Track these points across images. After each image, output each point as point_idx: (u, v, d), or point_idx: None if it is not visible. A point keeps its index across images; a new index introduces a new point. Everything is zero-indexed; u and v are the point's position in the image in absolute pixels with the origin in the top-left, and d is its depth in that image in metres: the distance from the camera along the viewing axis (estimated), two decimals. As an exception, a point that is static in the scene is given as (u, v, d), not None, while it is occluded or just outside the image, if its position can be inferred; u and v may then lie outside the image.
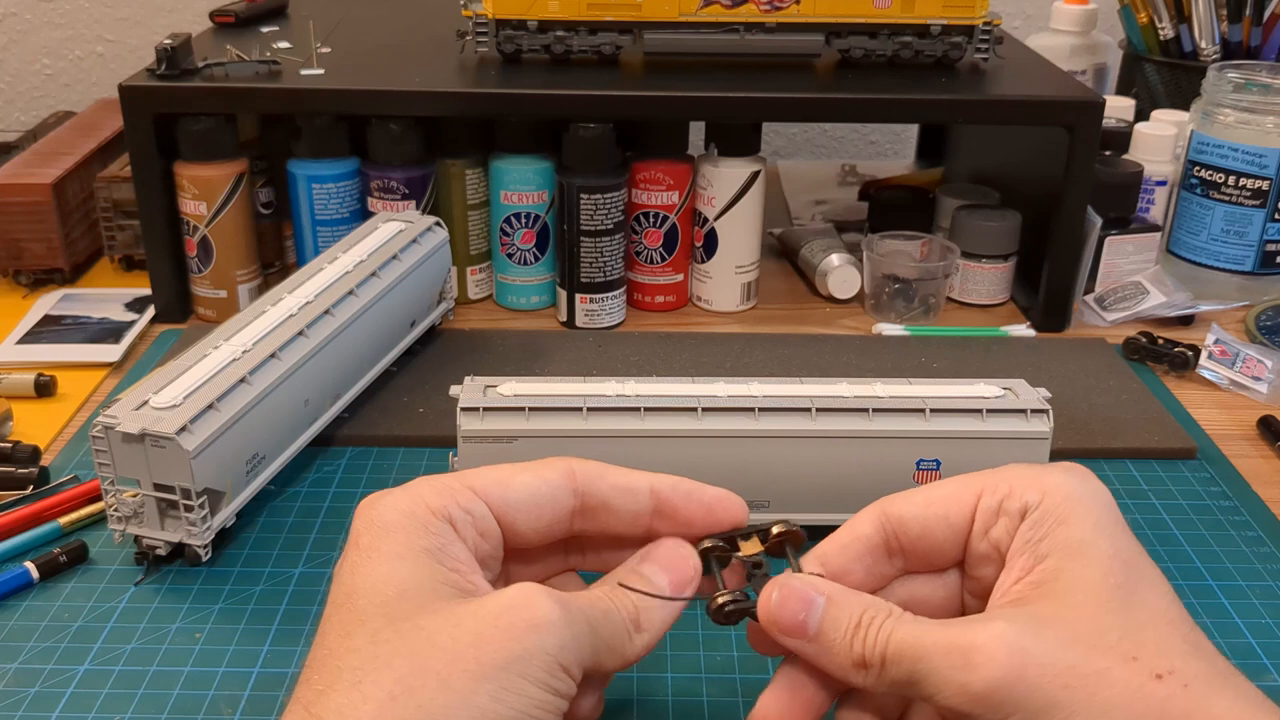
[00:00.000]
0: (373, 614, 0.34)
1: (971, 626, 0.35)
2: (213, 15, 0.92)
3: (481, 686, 0.33)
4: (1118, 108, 0.93)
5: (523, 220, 0.81)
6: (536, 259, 0.83)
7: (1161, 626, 0.35)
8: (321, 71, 0.79)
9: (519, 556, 0.41)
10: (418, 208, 0.80)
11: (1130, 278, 0.86)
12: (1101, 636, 0.34)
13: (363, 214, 0.81)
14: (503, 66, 0.81)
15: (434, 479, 0.39)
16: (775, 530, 0.42)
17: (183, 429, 0.52)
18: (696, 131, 0.84)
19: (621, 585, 0.39)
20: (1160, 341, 0.77)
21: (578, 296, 0.80)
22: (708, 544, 0.42)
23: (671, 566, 0.40)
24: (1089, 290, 0.85)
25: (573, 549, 0.43)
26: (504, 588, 0.36)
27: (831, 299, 0.87)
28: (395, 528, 0.37)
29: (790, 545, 0.42)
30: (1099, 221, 0.81)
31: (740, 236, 0.82)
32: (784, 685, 0.39)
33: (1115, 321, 0.83)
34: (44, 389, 0.70)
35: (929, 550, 0.40)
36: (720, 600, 0.40)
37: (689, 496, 0.41)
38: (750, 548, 0.42)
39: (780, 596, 0.38)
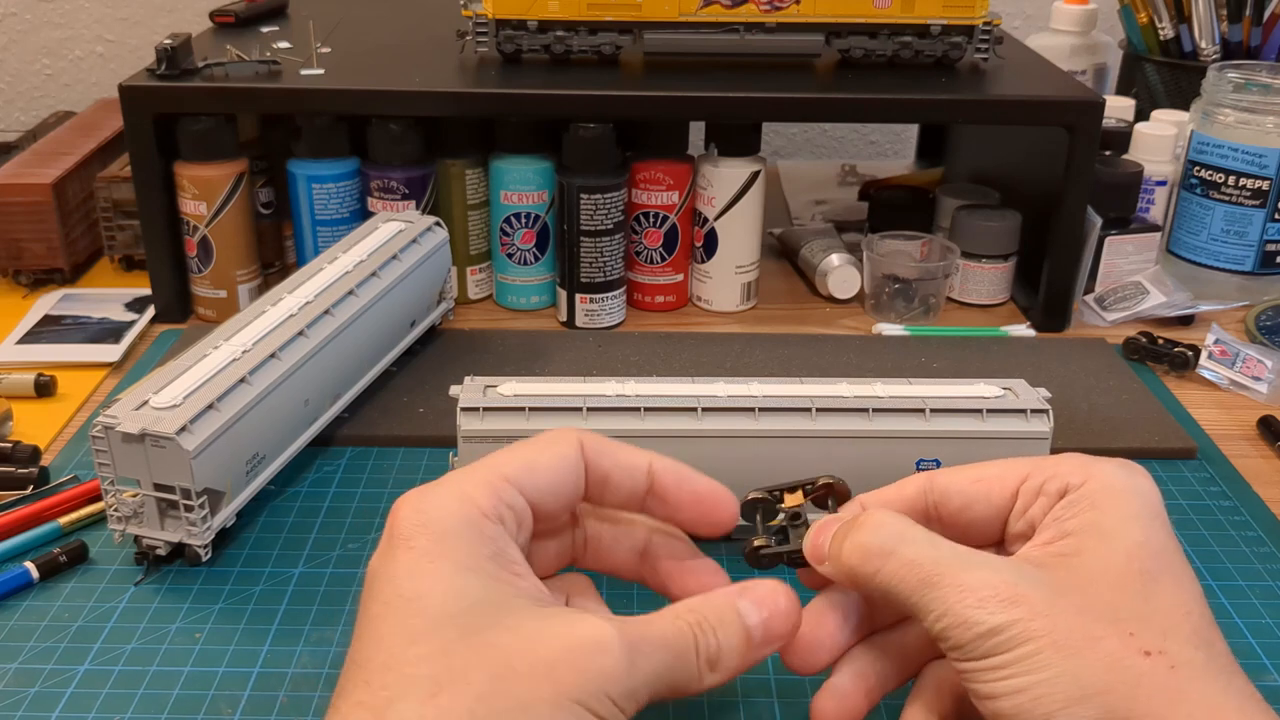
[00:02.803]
0: (445, 624, 0.34)
1: (998, 575, 0.36)
2: (213, 15, 0.92)
3: (557, 713, 0.33)
4: (1118, 108, 0.93)
5: (523, 220, 0.81)
6: (536, 259, 0.83)
7: (1174, 615, 0.36)
8: (321, 71, 0.79)
9: (537, 536, 0.41)
10: (418, 208, 0.80)
11: (1130, 278, 0.86)
12: (1110, 610, 0.35)
13: (363, 214, 0.81)
14: (503, 66, 0.81)
15: (473, 475, 0.38)
16: (821, 482, 0.44)
17: (183, 429, 0.52)
18: (696, 131, 0.84)
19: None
20: (1160, 341, 0.77)
21: (578, 296, 0.80)
22: (754, 495, 0.44)
23: (773, 611, 0.39)
24: (1089, 290, 0.85)
25: (573, 528, 0.43)
26: (575, 614, 0.36)
27: (831, 299, 0.87)
28: (456, 536, 0.36)
29: (834, 498, 0.44)
30: (1099, 221, 0.81)
31: (740, 236, 0.82)
32: (818, 608, 0.42)
33: (1115, 321, 0.83)
34: (44, 389, 0.70)
35: (967, 525, 0.41)
36: (756, 544, 0.42)
37: (679, 483, 0.42)
38: (794, 500, 0.44)
39: (812, 531, 0.41)
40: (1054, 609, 0.35)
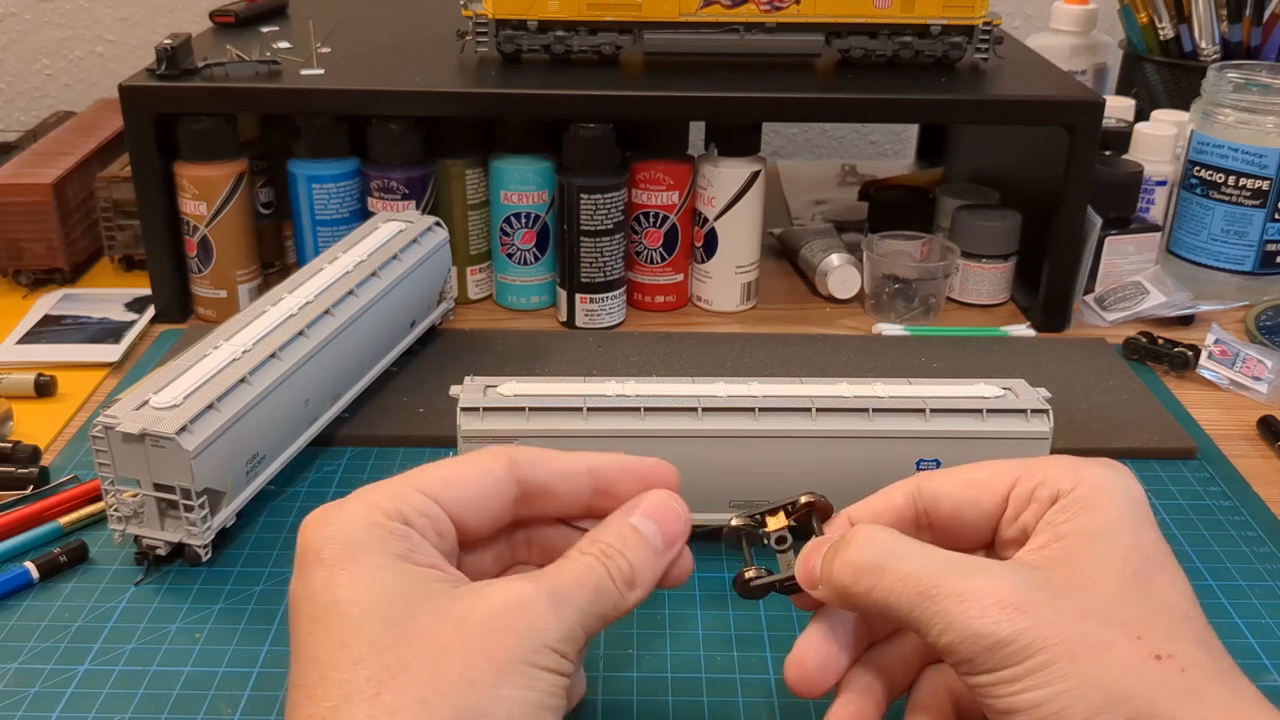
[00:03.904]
0: (367, 621, 0.34)
1: (998, 580, 0.36)
2: (213, 15, 0.92)
3: (504, 679, 0.33)
4: (1118, 108, 0.93)
5: (523, 220, 0.81)
6: (536, 259, 0.83)
7: (1175, 617, 0.35)
8: (321, 71, 0.79)
9: (467, 548, 0.41)
10: (418, 208, 0.80)
11: (1130, 278, 0.86)
12: (1114, 613, 0.35)
13: (363, 214, 0.81)
14: (503, 66, 0.81)
15: (380, 486, 0.39)
16: (802, 500, 0.43)
17: (183, 429, 0.52)
18: (696, 131, 0.84)
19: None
20: (1160, 341, 0.77)
21: (578, 296, 0.80)
22: (736, 522, 0.44)
23: (663, 517, 0.40)
24: (1089, 290, 0.85)
25: (515, 533, 0.43)
26: (490, 584, 0.36)
27: (831, 299, 0.87)
28: (363, 540, 0.37)
29: (816, 515, 0.43)
30: (1099, 221, 0.81)
31: (740, 236, 0.82)
32: (818, 629, 0.41)
33: (1115, 321, 0.83)
34: (44, 389, 0.70)
35: (958, 530, 0.41)
36: (746, 575, 0.42)
37: (623, 470, 0.42)
38: (776, 523, 0.43)
39: (802, 556, 0.41)
40: (1059, 613, 0.34)
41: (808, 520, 0.43)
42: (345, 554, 0.36)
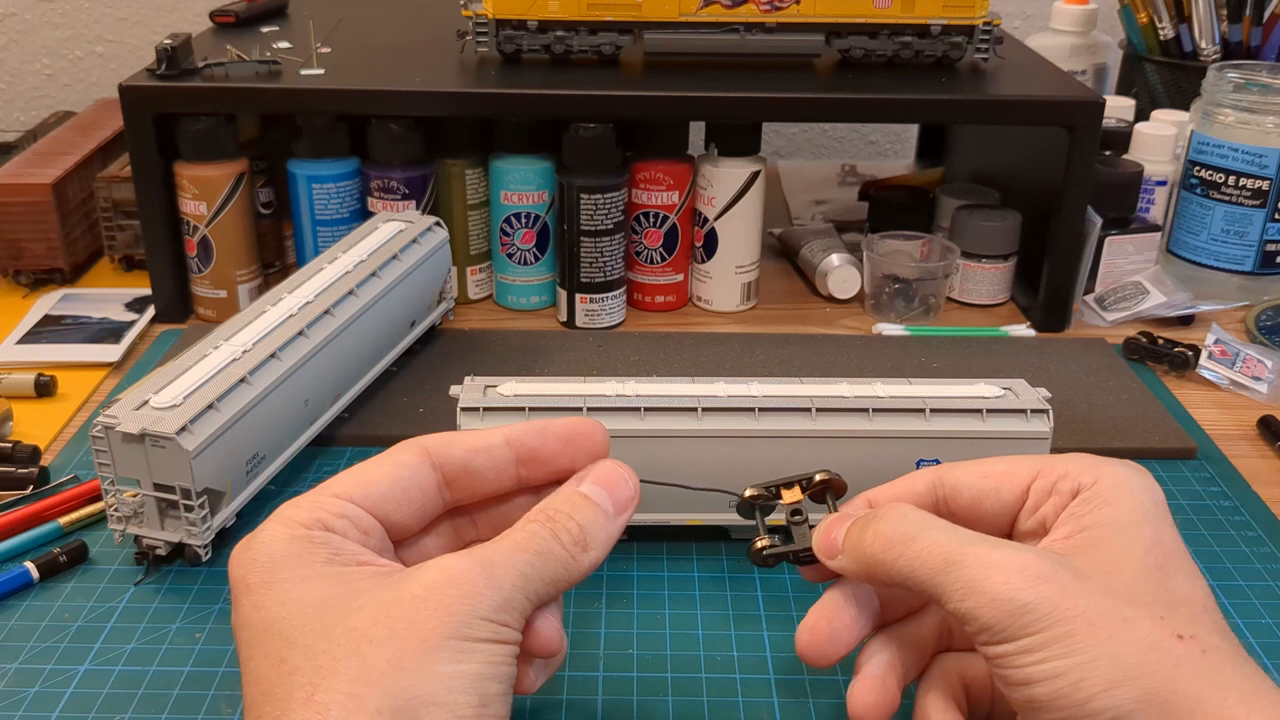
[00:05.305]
0: (300, 634, 0.34)
1: (1024, 554, 0.36)
2: (213, 15, 0.92)
3: (436, 656, 0.33)
4: (1118, 108, 0.93)
5: (523, 220, 0.81)
6: (536, 259, 0.83)
7: (1194, 608, 0.36)
8: (321, 71, 0.79)
9: (404, 541, 0.41)
10: (418, 208, 0.80)
11: (1130, 278, 0.86)
12: (1136, 596, 0.35)
13: (363, 214, 0.81)
14: (503, 66, 0.81)
15: (295, 501, 0.39)
16: (818, 478, 0.44)
17: (183, 429, 0.52)
18: (696, 131, 0.84)
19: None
20: (1160, 341, 0.77)
21: (578, 296, 0.80)
22: (751, 493, 0.44)
23: (611, 484, 0.40)
24: (1089, 290, 0.85)
25: (457, 516, 0.43)
26: (423, 565, 0.36)
27: (831, 299, 0.87)
28: (283, 557, 0.37)
29: (831, 492, 0.44)
30: (1099, 221, 0.81)
31: (740, 236, 0.82)
32: (832, 600, 0.41)
33: (1115, 321, 0.83)
34: (44, 389, 0.70)
35: (976, 520, 0.41)
36: (759, 544, 0.43)
37: (543, 433, 0.41)
38: (792, 496, 0.44)
39: (821, 528, 0.41)
40: (1084, 589, 0.35)
41: (822, 496, 0.44)
42: (269, 575, 0.36)
